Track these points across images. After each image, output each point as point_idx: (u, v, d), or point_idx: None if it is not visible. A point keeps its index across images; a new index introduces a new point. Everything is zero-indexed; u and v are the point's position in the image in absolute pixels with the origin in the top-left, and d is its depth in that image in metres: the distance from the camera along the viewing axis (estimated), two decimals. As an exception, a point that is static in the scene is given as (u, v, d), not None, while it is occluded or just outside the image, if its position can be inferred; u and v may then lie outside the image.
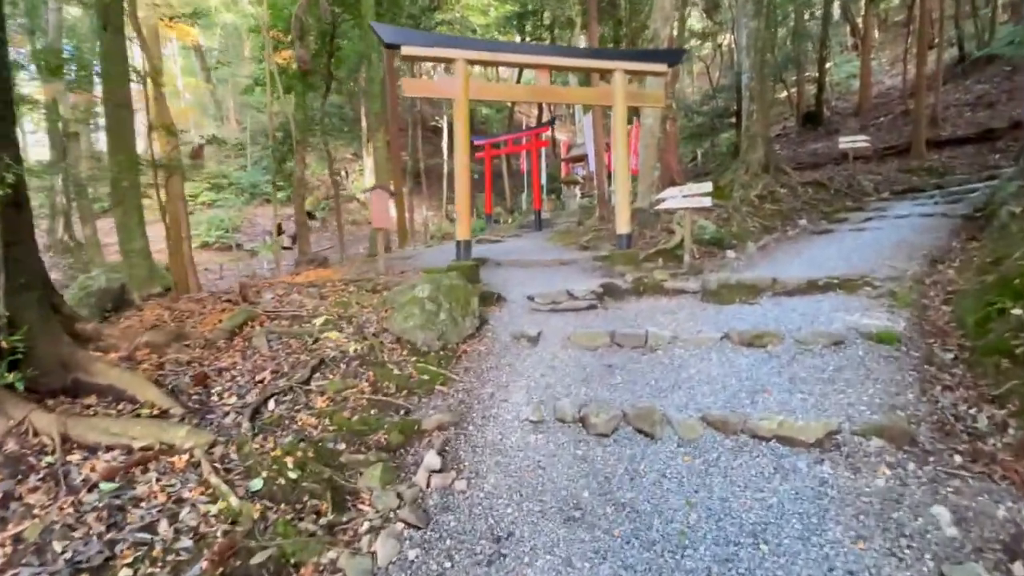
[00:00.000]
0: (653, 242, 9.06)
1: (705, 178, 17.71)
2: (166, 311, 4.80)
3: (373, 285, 5.19)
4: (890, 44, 29.19)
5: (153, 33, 12.83)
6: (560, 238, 10.91)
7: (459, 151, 6.30)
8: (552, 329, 4.88)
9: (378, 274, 7.05)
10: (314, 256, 8.79)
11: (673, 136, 12.39)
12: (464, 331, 4.49)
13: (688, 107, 25.70)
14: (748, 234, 9.40)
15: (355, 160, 30.02)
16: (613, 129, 6.86)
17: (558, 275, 7.24)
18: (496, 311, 5.48)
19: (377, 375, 3.65)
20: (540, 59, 6.34)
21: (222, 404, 3.15)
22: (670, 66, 6.99)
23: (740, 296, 5.45)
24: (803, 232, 9.71)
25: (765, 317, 4.68)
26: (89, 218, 16.27)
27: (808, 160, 16.73)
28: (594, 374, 3.93)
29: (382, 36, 5.87)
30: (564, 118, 33.85)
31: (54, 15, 14.55)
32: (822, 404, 3.24)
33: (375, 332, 4.22)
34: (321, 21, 9.18)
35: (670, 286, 6.14)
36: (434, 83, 6.11)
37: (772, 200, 12.24)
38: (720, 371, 3.77)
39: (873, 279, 5.37)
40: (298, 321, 4.28)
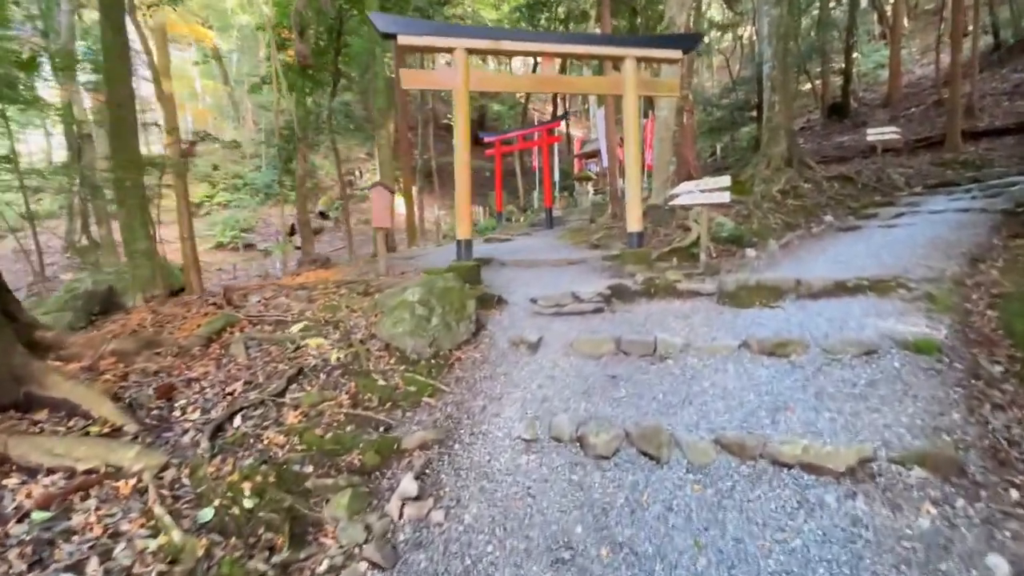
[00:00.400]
0: (667, 240, 8.64)
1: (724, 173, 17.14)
2: (152, 314, 4.60)
3: (365, 287, 4.91)
4: (920, 32, 28.09)
5: (161, 33, 12.82)
6: (570, 236, 10.54)
7: (459, 146, 5.99)
8: (554, 335, 4.54)
9: (378, 275, 6.79)
10: (317, 256, 8.59)
11: (690, 128, 11.91)
12: (458, 337, 4.18)
13: (707, 100, 25.02)
14: (769, 231, 8.91)
15: (368, 159, 29.98)
16: (624, 121, 6.48)
17: (565, 276, 6.89)
18: (496, 314, 5.16)
19: (359, 386, 3.36)
20: (546, 47, 5.99)
21: (183, 420, 2.88)
22: (685, 53, 6.57)
23: (760, 299, 5.04)
24: (829, 229, 9.17)
25: (788, 323, 4.27)
26: (104, 218, 16.37)
27: (834, 153, 16.03)
28: (596, 386, 3.58)
29: (378, 25, 5.58)
30: (579, 114, 33.36)
31: (66, 16, 14.64)
32: (853, 425, 2.84)
33: (363, 338, 3.93)
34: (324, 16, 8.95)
35: (684, 287, 5.74)
36: (433, 74, 5.81)
37: (795, 195, 11.70)
38: (737, 384, 3.39)
39: (907, 280, 4.91)
40: (282, 326, 4.02)
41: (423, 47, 5.76)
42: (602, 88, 6.34)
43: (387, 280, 6.28)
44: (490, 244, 10.82)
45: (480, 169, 27.72)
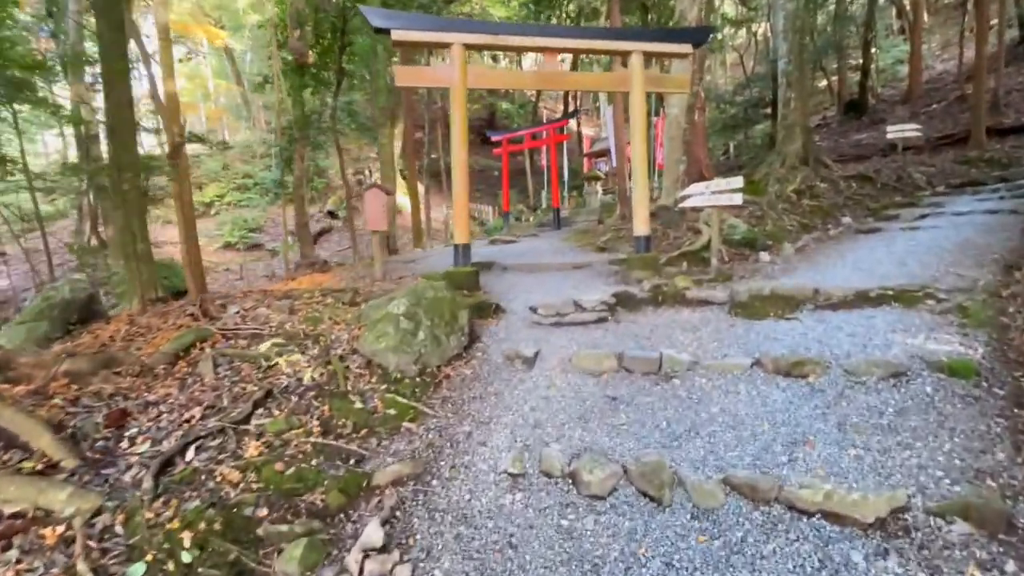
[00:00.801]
0: (677, 243, 8.28)
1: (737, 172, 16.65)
2: (128, 325, 4.38)
3: (352, 296, 4.64)
4: (940, 27, 27.32)
5: (163, 31, 12.68)
6: (577, 238, 10.21)
7: (456, 146, 5.70)
8: (552, 348, 4.23)
9: (373, 280, 6.53)
10: (315, 259, 8.36)
11: (701, 127, 11.50)
12: (448, 352, 3.89)
13: (720, 97, 24.46)
14: (784, 234, 8.51)
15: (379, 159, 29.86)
16: (631, 118, 6.14)
17: (568, 281, 6.57)
18: (492, 325, 4.86)
19: (333, 409, 3.08)
20: (547, 42, 5.67)
21: (130, 453, 2.62)
22: (696, 47, 6.21)
23: (775, 309, 4.68)
24: (847, 231, 8.75)
25: (806, 337, 3.92)
26: (112, 219, 16.33)
27: (851, 151, 15.49)
28: (594, 409, 3.26)
29: (371, 20, 5.31)
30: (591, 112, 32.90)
31: (75, 17, 14.57)
32: (883, 465, 2.50)
33: (343, 354, 3.65)
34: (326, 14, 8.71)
35: (693, 295, 5.39)
36: (429, 71, 5.53)
37: (811, 195, 11.26)
38: (750, 410, 3.05)
39: (936, 290, 4.53)
40: (257, 341, 3.75)
41: (419, 42, 5.48)
42: (608, 84, 6.01)
43: (382, 286, 6.01)
44: (495, 246, 10.53)
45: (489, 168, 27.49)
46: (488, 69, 5.50)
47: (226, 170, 29.68)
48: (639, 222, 6.29)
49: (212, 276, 19.66)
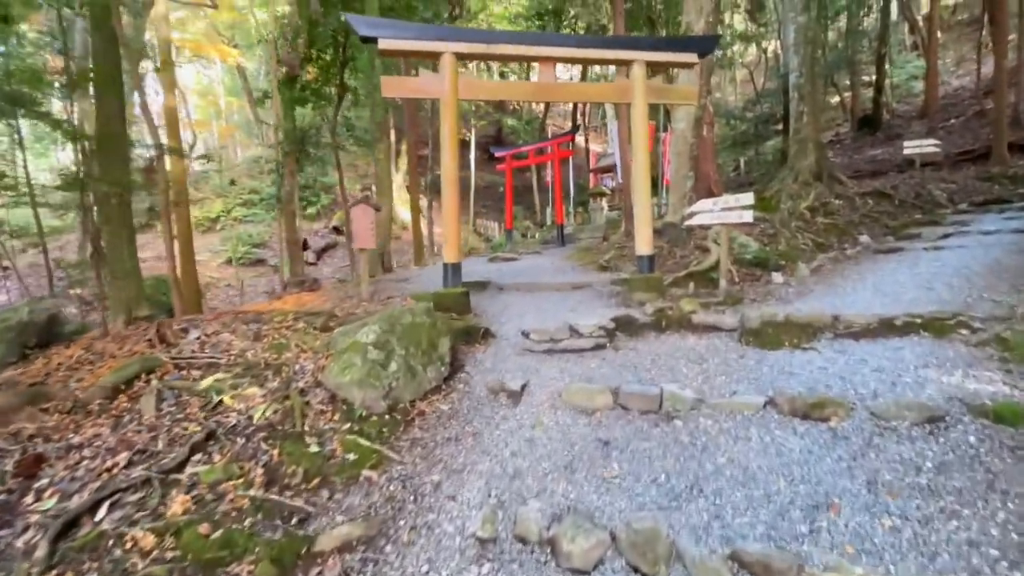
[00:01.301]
0: (683, 262, 7.87)
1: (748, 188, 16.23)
2: (84, 351, 4.06)
3: (325, 320, 4.28)
4: (953, 44, 26.97)
5: (165, 46, 12.70)
6: (580, 256, 9.84)
7: (446, 159, 5.38)
8: (542, 380, 3.83)
9: (359, 301, 6.19)
10: (304, 278, 8.07)
11: (710, 142, 11.14)
12: (424, 384, 3.51)
13: (730, 113, 24.19)
14: (798, 253, 8.08)
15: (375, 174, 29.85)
16: (632, 131, 5.80)
17: (567, 303, 6.18)
18: (479, 352, 4.47)
19: (284, 454, 2.70)
20: (544, 51, 5.37)
21: (33, 509, 2.27)
22: (702, 56, 5.88)
23: (790, 338, 4.25)
24: (865, 251, 8.28)
25: (825, 372, 3.49)
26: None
27: (867, 168, 15.03)
28: (583, 456, 2.85)
29: (356, 28, 5.05)
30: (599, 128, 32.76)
31: (81, 34, 14.69)
32: (925, 540, 2.06)
33: (305, 387, 3.29)
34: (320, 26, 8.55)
35: (700, 321, 4.98)
36: (416, 81, 5.23)
37: (826, 213, 10.82)
38: (763, 462, 2.62)
39: (970, 318, 4.08)
40: (213, 371, 3.41)
41: (407, 51, 5.22)
42: (607, 95, 5.69)
43: (366, 308, 5.67)
44: (494, 264, 10.19)
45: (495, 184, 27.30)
46: (480, 80, 5.21)
47: (233, 185, 29.81)
48: (641, 241, 5.91)
49: (214, 292, 19.55)
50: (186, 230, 12.12)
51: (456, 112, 5.36)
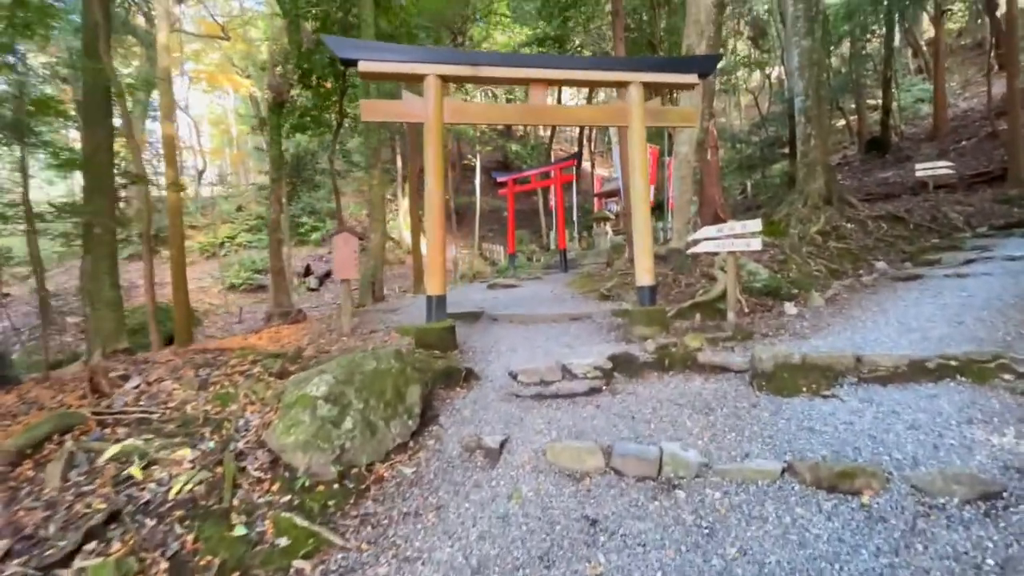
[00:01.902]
0: (689, 291, 7.43)
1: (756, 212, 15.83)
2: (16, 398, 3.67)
3: (282, 365, 3.87)
4: (958, 68, 26.84)
5: (165, 74, 12.68)
6: (581, 283, 9.42)
7: (430, 185, 5.03)
8: (526, 433, 3.38)
9: (339, 336, 5.79)
10: (288, 309, 7.72)
11: (715, 166, 10.81)
12: (387, 443, 3.07)
13: (735, 137, 24.02)
14: (811, 281, 7.61)
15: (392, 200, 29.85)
16: (629, 155, 5.45)
17: (563, 337, 5.74)
18: (459, 397, 4.04)
19: (201, 539, 2.25)
20: (534, 72, 5.07)
21: None
22: (702, 77, 5.56)
23: (809, 383, 3.79)
24: (883, 278, 7.80)
25: (852, 429, 3.02)
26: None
27: (878, 190, 14.61)
28: (564, 541, 2.38)
29: (335, 50, 4.79)
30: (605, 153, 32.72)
31: (87, 64, 14.76)
32: None
33: (244, 449, 2.86)
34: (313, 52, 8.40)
35: (707, 360, 4.52)
36: (398, 105, 4.92)
37: (838, 237, 10.38)
38: (783, 556, 2.15)
39: (1013, 360, 3.60)
40: (144, 428, 2.99)
41: (389, 74, 4.94)
42: (603, 118, 5.37)
43: (344, 344, 5.27)
44: (492, 291, 9.79)
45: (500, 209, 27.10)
46: (467, 103, 4.92)
47: (240, 211, 29.85)
48: (642, 270, 5.49)
49: (213, 318, 19.27)
50: (179, 257, 11.87)
51: (441, 136, 5.04)
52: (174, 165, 12.57)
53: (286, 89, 7.68)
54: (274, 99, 7.80)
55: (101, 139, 8.19)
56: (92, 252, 8.01)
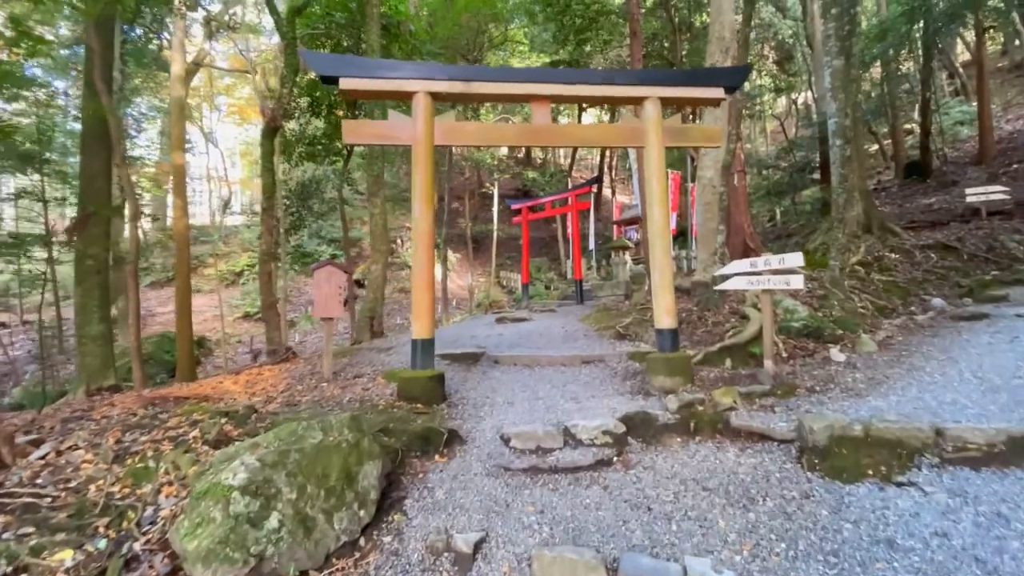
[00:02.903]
0: (717, 332, 6.62)
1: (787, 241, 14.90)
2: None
3: (219, 430, 3.21)
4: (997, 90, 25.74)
5: (178, 106, 12.69)
6: (596, 319, 8.67)
7: (418, 214, 4.43)
8: (511, 529, 2.65)
9: (319, 381, 5.17)
10: (277, 347, 7.17)
11: (743, 191, 10.06)
12: (327, 543, 2.36)
13: (762, 162, 23.20)
14: (857, 319, 6.73)
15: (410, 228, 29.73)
16: (645, 180, 4.78)
17: (571, 386, 5.00)
18: (436, 469, 3.32)
19: None
20: (535, 88, 4.49)
21: None
22: (729, 91, 4.89)
23: (875, 463, 2.98)
24: (941, 317, 6.86)
25: (947, 544, 2.21)
26: (122, 290, 16.04)
27: (922, 217, 13.55)
28: None
29: (312, 66, 4.32)
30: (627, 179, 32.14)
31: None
32: None
33: (143, 551, 2.21)
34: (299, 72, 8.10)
35: (742, 424, 3.72)
36: (384, 125, 4.39)
37: (881, 268, 9.46)
38: None
39: None
40: (30, 517, 2.38)
41: (374, 92, 4.43)
42: (614, 139, 4.75)
43: (320, 394, 4.63)
44: (500, 326, 9.10)
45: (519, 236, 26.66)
46: (461, 123, 4.36)
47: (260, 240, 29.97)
48: (661, 311, 4.75)
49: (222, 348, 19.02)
50: (185, 286, 11.57)
51: (431, 160, 4.46)
52: (183, 195, 12.44)
53: (280, 114, 7.33)
54: (267, 124, 7.45)
55: (97, 169, 7.93)
56: (82, 284, 7.65)
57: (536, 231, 28.45)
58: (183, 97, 12.99)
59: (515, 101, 4.73)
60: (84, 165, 8.11)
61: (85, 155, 8.11)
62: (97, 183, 7.99)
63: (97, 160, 7.98)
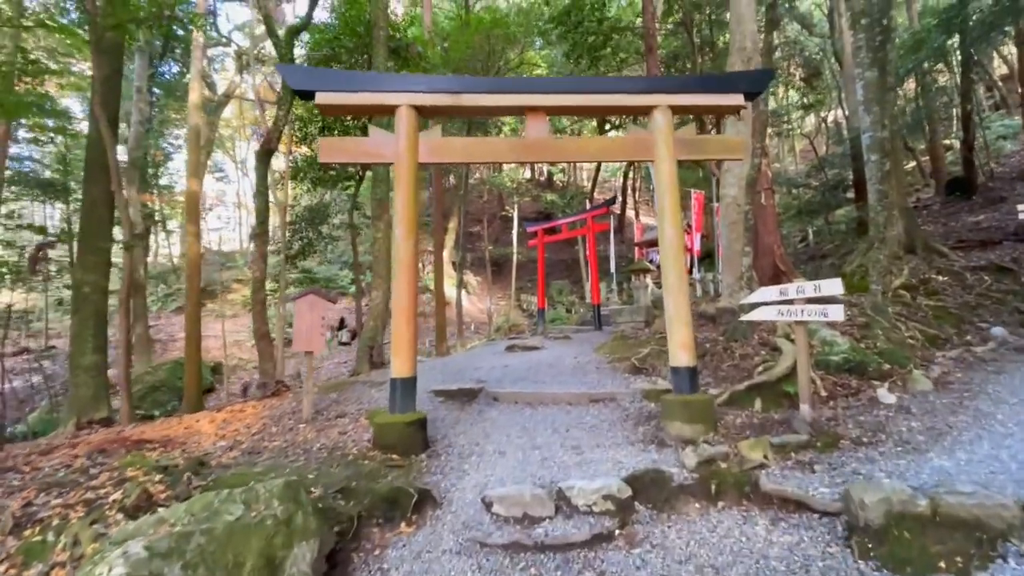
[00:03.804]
0: (745, 366, 5.92)
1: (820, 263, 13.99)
2: None
3: (140, 494, 2.74)
4: (1031, 106, 24.37)
5: (195, 134, 12.80)
6: (612, 348, 8.04)
7: (399, 237, 3.98)
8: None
9: (299, 422, 4.70)
10: (267, 380, 6.74)
11: (771, 210, 9.39)
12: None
13: (791, 181, 22.35)
14: (906, 352, 5.95)
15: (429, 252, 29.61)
16: (656, 197, 4.24)
17: (575, 430, 4.40)
18: (399, 544, 2.78)
19: None
20: (528, 99, 4.04)
21: None
22: (750, 98, 4.35)
23: (947, 551, 2.33)
24: (1004, 349, 6.04)
25: None
26: (142, 315, 16.14)
27: (970, 236, 12.54)
28: None
29: (286, 80, 3.98)
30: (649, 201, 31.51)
31: (136, 127, 15.32)
32: None
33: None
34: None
35: (775, 488, 3.08)
36: (364, 143, 3.99)
37: (927, 292, 8.59)
38: None
39: None
40: None
41: (354, 106, 4.06)
42: (618, 152, 4.22)
43: (296, 437, 4.16)
44: (510, 355, 8.54)
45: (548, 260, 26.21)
46: (447, 139, 3.93)
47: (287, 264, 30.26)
48: (678, 347, 4.14)
49: (241, 373, 18.90)
50: (195, 313, 11.44)
51: (415, 179, 4.03)
52: (196, 221, 12.46)
53: (275, 137, 7.10)
54: (261, 147, 7.22)
55: (97, 195, 7.80)
56: (78, 312, 7.42)
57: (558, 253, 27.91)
58: (199, 125, 13.12)
59: (509, 114, 4.31)
60: (85, 191, 8.02)
61: (87, 182, 8.02)
62: (98, 210, 7.87)
63: (97, 187, 7.87)
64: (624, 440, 4.09)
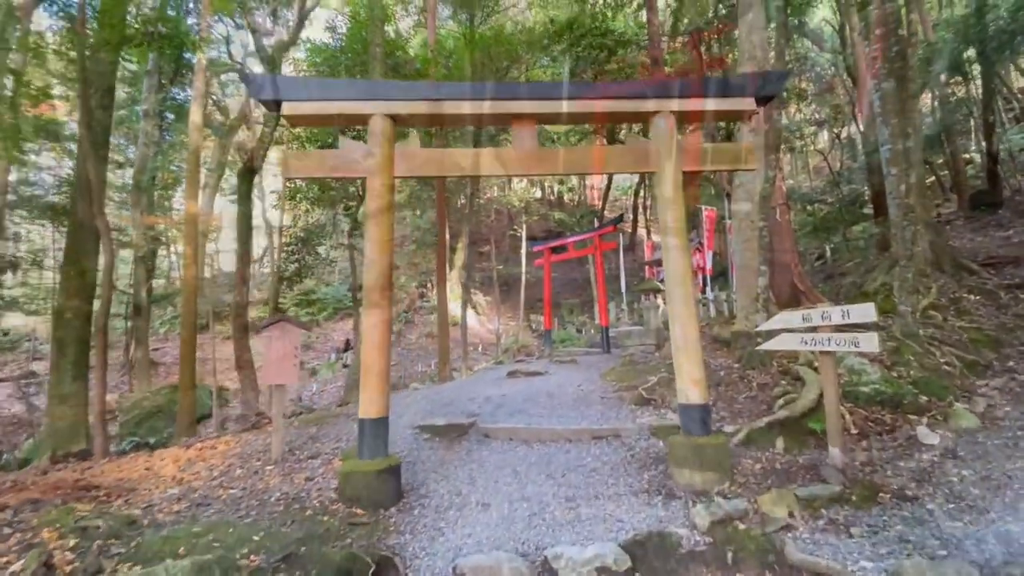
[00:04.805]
0: (764, 398, 5.37)
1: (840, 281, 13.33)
2: None
3: (40, 563, 2.30)
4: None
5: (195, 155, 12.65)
6: (619, 374, 7.49)
7: (372, 257, 3.58)
8: None
9: (266, 463, 4.25)
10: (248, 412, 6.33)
11: (786, 226, 8.86)
12: None
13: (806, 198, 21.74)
14: (943, 381, 5.37)
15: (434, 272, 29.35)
16: (659, 212, 3.79)
17: (572, 474, 3.89)
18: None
19: None
20: (514, 106, 3.66)
21: None
22: (762, 102, 3.92)
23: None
24: (1055, 377, 5.41)
25: None
26: (144, 339, 15.95)
27: (1001, 252, 11.85)
28: None
29: (252, 90, 3.64)
30: (660, 219, 30.96)
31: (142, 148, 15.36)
32: None
33: None
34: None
35: (803, 559, 2.56)
36: (333, 156, 3.61)
37: (959, 313, 7.98)
38: None
39: None
40: None
41: (324, 116, 3.71)
42: (617, 162, 3.79)
43: (256, 483, 3.71)
44: (510, 381, 8.02)
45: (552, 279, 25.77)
46: (425, 149, 3.57)
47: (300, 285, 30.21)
48: (686, 380, 3.64)
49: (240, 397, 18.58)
50: (190, 338, 11.08)
51: (390, 194, 3.64)
52: (194, 243, 12.20)
53: (259, 155, 6.82)
54: (244, 165, 6.94)
55: (86, 216, 7.58)
56: (59, 339, 7.11)
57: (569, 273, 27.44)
58: (200, 146, 12.98)
59: (494, 123, 3.93)
60: (73, 212, 7.80)
61: (75, 203, 7.81)
62: (83, 232, 7.63)
63: (85, 208, 7.64)
64: (627, 489, 3.57)
